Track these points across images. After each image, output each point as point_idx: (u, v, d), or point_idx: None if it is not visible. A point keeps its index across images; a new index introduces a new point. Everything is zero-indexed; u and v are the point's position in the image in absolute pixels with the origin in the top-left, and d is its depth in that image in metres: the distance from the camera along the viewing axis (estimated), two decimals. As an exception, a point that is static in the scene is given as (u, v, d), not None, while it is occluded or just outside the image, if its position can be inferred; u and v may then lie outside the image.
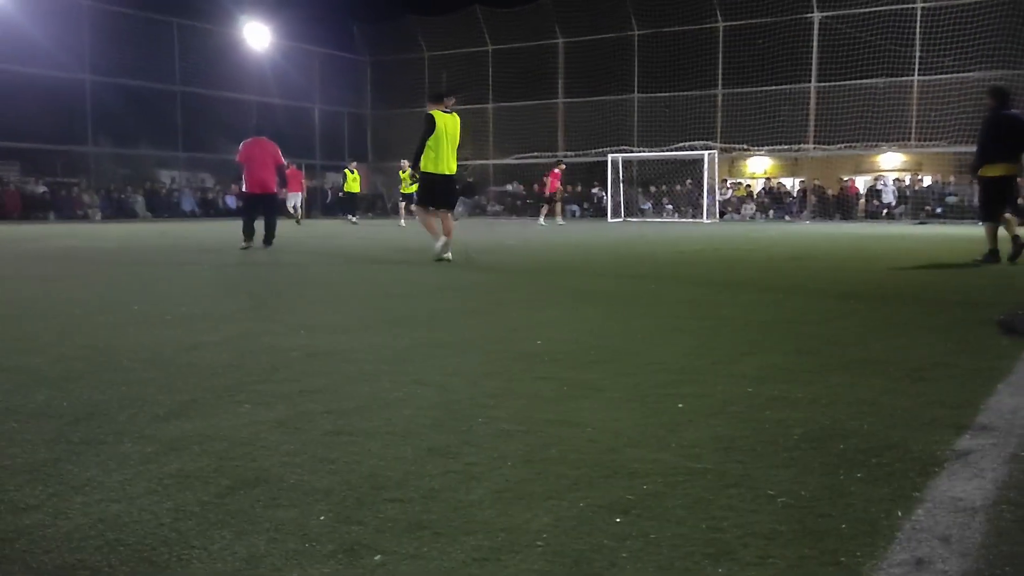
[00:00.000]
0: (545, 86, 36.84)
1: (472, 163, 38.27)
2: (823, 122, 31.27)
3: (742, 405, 3.04)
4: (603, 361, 3.89)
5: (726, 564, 1.74)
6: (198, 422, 2.80)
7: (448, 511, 2.02)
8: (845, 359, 3.95)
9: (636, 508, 2.04)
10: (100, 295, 6.86)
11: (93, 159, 32.68)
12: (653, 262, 10.60)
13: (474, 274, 8.92)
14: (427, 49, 38.87)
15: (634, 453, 2.48)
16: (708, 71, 33.19)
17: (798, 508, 2.04)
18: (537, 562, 1.75)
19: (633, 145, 34.48)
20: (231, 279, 8.41)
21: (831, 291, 7.11)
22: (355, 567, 1.73)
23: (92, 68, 30.41)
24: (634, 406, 3.04)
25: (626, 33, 34.63)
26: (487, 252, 12.41)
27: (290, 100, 37.76)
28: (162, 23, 32.67)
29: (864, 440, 2.60)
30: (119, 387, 3.31)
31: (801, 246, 14.20)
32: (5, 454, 2.46)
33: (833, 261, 10.59)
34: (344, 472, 2.30)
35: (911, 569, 1.72)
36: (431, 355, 4.04)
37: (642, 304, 6.23)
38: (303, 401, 3.10)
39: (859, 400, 3.11)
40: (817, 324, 5.19)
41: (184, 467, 2.34)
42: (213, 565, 1.73)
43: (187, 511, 2.02)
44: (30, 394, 3.19)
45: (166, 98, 33.27)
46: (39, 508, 2.04)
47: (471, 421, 2.83)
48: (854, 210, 31.78)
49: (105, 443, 2.57)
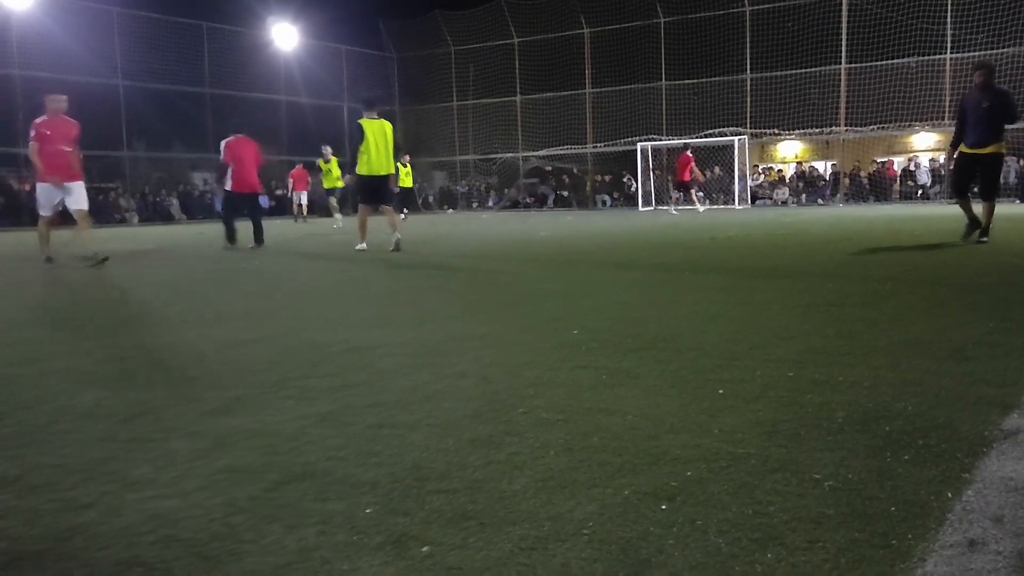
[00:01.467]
0: (572, 77, 36.74)
1: (501, 156, 38.33)
2: (855, 104, 30.87)
3: (783, 389, 3.02)
4: (641, 348, 3.89)
5: (774, 549, 1.73)
6: (244, 418, 2.84)
7: (493, 501, 2.04)
8: (886, 341, 3.91)
9: (681, 494, 2.04)
10: (142, 297, 6.95)
11: (128, 163, 33.10)
12: (686, 249, 10.54)
13: (507, 265, 8.92)
14: (453, 44, 38.88)
15: (676, 439, 2.48)
16: (736, 56, 32.88)
17: (845, 491, 2.03)
18: (584, 550, 1.76)
19: (662, 133, 34.28)
20: (266, 278, 8.48)
21: (868, 274, 7.04)
22: (404, 558, 1.74)
23: (124, 73, 30.76)
24: (674, 392, 3.04)
25: (652, 21, 34.41)
26: (522, 243, 12.42)
27: (318, 99, 37.97)
28: (191, 27, 32.95)
29: (909, 421, 2.58)
30: (165, 386, 3.37)
31: (836, 230, 14.05)
32: (58, 453, 2.51)
33: (869, 244, 10.47)
34: (389, 464, 2.33)
35: (964, 550, 1.70)
36: (468, 347, 4.06)
37: (677, 291, 6.20)
38: (345, 395, 3.13)
39: (903, 381, 3.08)
40: (855, 307, 5.14)
41: (233, 462, 2.38)
42: (265, 559, 1.76)
43: (238, 506, 2.05)
44: (79, 394, 3.25)
45: (197, 101, 33.60)
46: (93, 506, 2.08)
47: (511, 411, 2.84)
48: (889, 192, 31.37)
49: (154, 440, 2.61)
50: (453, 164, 40.14)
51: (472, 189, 40.00)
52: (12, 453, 2.52)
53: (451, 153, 39.79)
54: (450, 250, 11.28)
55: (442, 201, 40.35)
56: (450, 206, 39.37)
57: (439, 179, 42.06)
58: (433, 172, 41.80)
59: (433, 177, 41.82)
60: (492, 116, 38.12)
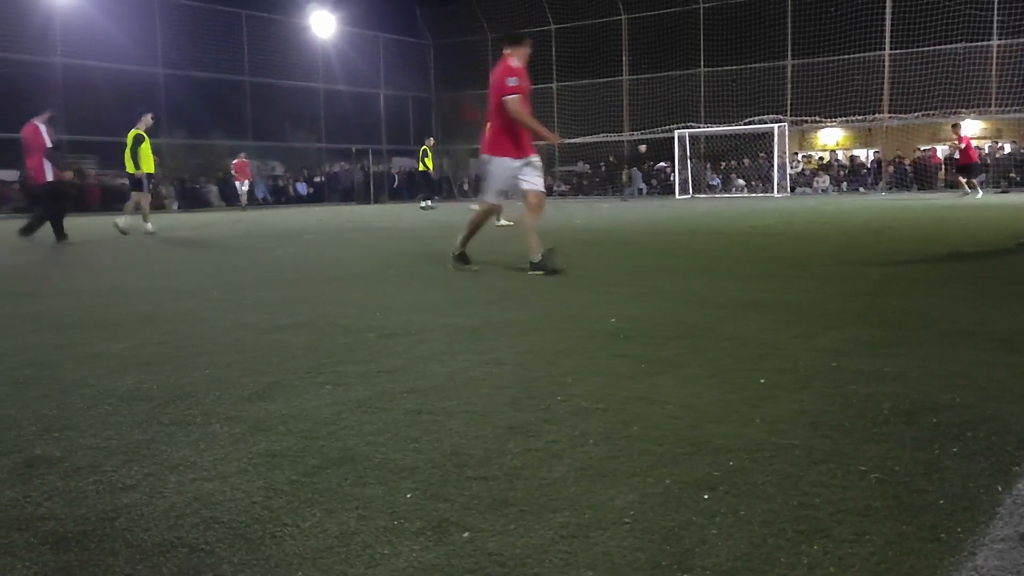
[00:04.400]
0: (609, 64, 36.51)
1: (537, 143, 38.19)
2: (898, 90, 30.38)
3: (827, 379, 2.97)
4: (680, 337, 3.85)
5: (820, 541, 1.70)
6: (282, 403, 2.85)
7: (532, 488, 2.02)
8: (932, 331, 3.84)
9: (723, 484, 2.01)
10: (182, 282, 7.02)
11: (168, 150, 33.46)
12: (725, 237, 10.44)
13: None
14: (489, 30, 38.80)
15: (717, 429, 2.45)
16: (777, 42, 32.48)
17: (892, 484, 1.99)
18: (626, 539, 1.74)
19: (700, 121, 33.98)
20: (302, 264, 8.53)
21: (912, 263, 6.92)
22: (444, 544, 1.74)
23: (164, 62, 31.06)
24: (714, 382, 3.00)
25: (691, 7, 34.08)
26: (556, 231, 12.37)
27: (356, 86, 38.11)
28: (231, 15, 33.16)
29: (957, 413, 2.53)
30: (204, 370, 3.39)
31: (878, 218, 13.85)
32: (101, 436, 2.53)
33: (912, 232, 10.30)
34: (427, 450, 2.32)
35: (1015, 544, 1.66)
36: (505, 334, 4.05)
37: (716, 279, 6.14)
38: (382, 381, 3.13)
39: (950, 372, 3.02)
40: (900, 296, 5.05)
41: (272, 447, 2.39)
42: (306, 542, 1.76)
43: (277, 489, 2.05)
44: (121, 378, 3.28)
45: (236, 89, 33.86)
46: (136, 487, 2.09)
47: (549, 399, 2.82)
48: (934, 180, 30.86)
49: (195, 424, 2.63)
50: (489, 151, 40.04)
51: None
52: (56, 435, 2.55)
53: (487, 140, 39.69)
54: (485, 237, 11.26)
55: (477, 188, 40.39)
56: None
57: (474, 166, 42.09)
58: (469, 159, 41.83)
59: (469, 164, 41.86)
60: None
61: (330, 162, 39.91)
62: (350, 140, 38.78)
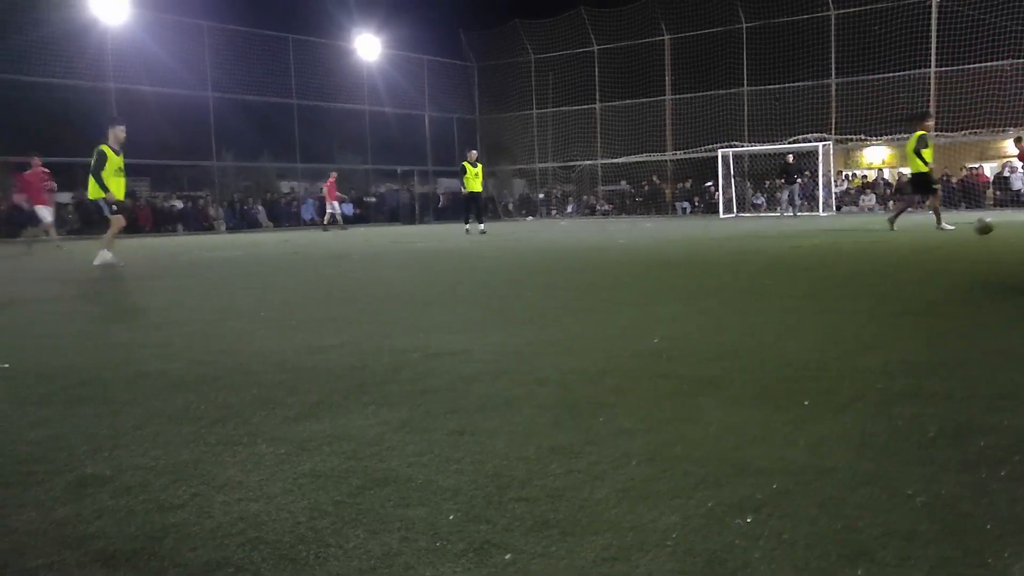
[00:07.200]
0: (652, 84, 36.50)
1: (580, 163, 38.30)
2: (944, 108, 29.90)
3: (872, 401, 2.94)
4: (723, 357, 3.83)
5: (864, 565, 1.68)
6: (327, 423, 2.89)
7: (574, 510, 2.03)
8: (978, 352, 3.78)
9: (766, 507, 2.00)
10: (230, 302, 7.13)
11: (218, 172, 34.08)
12: (769, 257, 10.36)
13: (585, 272, 8.90)
14: (533, 52, 39.02)
15: (760, 451, 2.43)
16: (821, 61, 32.21)
17: (938, 507, 1.96)
18: (668, 561, 1.74)
19: (743, 140, 33.78)
20: (348, 284, 8.62)
21: (958, 283, 6.81)
22: (486, 566, 1.75)
23: (214, 85, 31.65)
24: (757, 403, 2.98)
25: (734, 26, 33.98)
26: (600, 251, 12.37)
27: (401, 108, 38.52)
28: (278, 40, 33.78)
29: (1005, 436, 2.48)
30: (251, 390, 3.44)
31: (925, 237, 13.64)
32: (150, 455, 2.59)
33: (959, 252, 10.13)
34: (470, 471, 2.33)
35: (1066, 571, 1.63)
36: (546, 354, 4.06)
37: (759, 299, 6.09)
38: (425, 401, 3.15)
39: (997, 394, 2.97)
40: (945, 317, 4.98)
41: (316, 467, 2.42)
42: (349, 563, 1.78)
43: (322, 510, 2.08)
44: (170, 398, 3.35)
45: (284, 112, 34.40)
46: (184, 507, 2.13)
47: (592, 420, 2.82)
48: (981, 199, 30.33)
49: (241, 444, 2.67)
50: (532, 171, 40.24)
51: (550, 196, 40.06)
52: (107, 454, 2.61)
53: (530, 160, 39.91)
54: (529, 256, 11.30)
55: (521, 208, 40.56)
56: (529, 213, 39.51)
57: (519, 187, 42.25)
58: (513, 179, 42.02)
59: (513, 184, 42.04)
60: (571, 124, 38.14)
61: (376, 183, 40.34)
62: (396, 161, 39.17)
